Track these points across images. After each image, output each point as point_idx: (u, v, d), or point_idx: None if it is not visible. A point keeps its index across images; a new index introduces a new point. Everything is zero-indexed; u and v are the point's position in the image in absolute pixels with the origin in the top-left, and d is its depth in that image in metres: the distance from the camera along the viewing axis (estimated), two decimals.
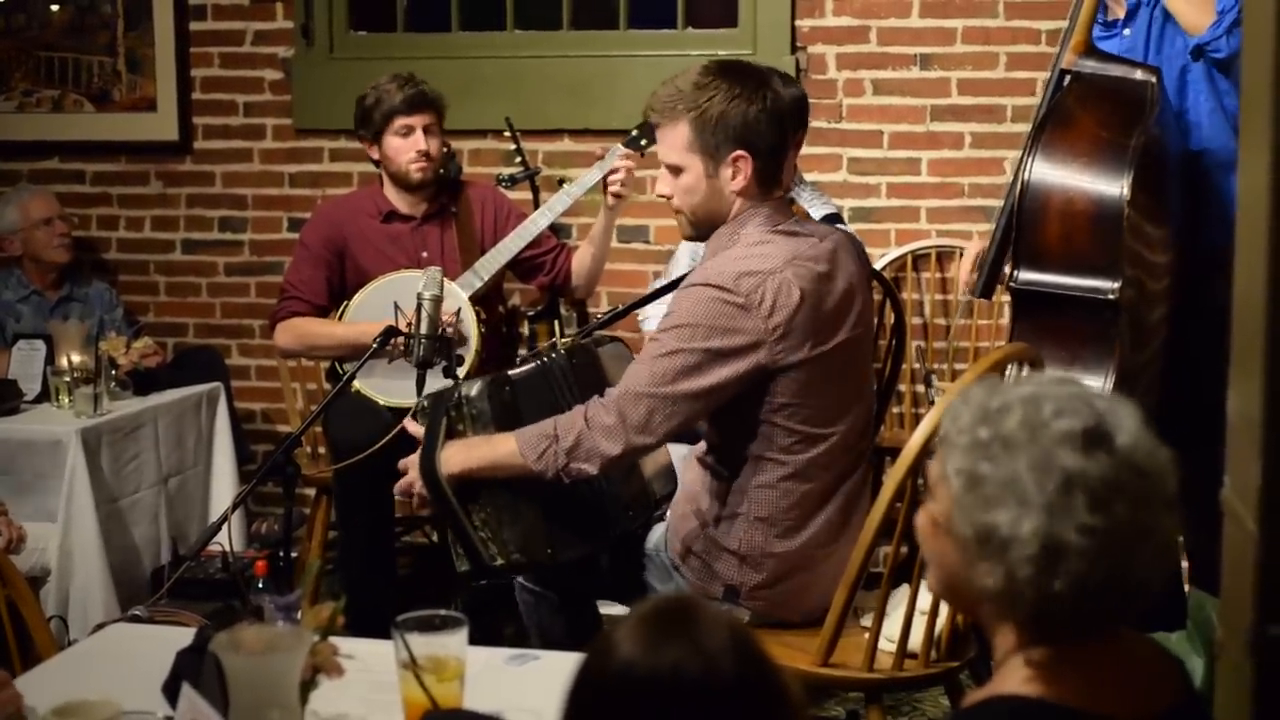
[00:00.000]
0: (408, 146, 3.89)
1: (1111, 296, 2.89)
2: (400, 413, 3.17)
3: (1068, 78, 3.09)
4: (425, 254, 3.92)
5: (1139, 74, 3.05)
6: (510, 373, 2.80)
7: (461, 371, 3.68)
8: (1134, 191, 2.89)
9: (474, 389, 2.73)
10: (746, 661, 1.22)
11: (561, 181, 4.49)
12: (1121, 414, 1.50)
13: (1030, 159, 2.98)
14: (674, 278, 3.69)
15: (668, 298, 3.05)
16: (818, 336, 2.64)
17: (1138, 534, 1.45)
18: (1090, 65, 3.08)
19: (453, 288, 3.66)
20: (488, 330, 3.85)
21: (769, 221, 2.70)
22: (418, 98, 3.89)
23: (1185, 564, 3.43)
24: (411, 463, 2.76)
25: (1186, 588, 3.19)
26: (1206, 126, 3.15)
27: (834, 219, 3.79)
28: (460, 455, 2.69)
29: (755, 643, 1.24)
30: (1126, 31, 3.21)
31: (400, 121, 3.88)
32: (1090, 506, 1.43)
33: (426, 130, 3.90)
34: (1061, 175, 2.96)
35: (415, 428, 2.79)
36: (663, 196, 2.79)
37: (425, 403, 2.78)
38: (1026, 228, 2.98)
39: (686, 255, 4.00)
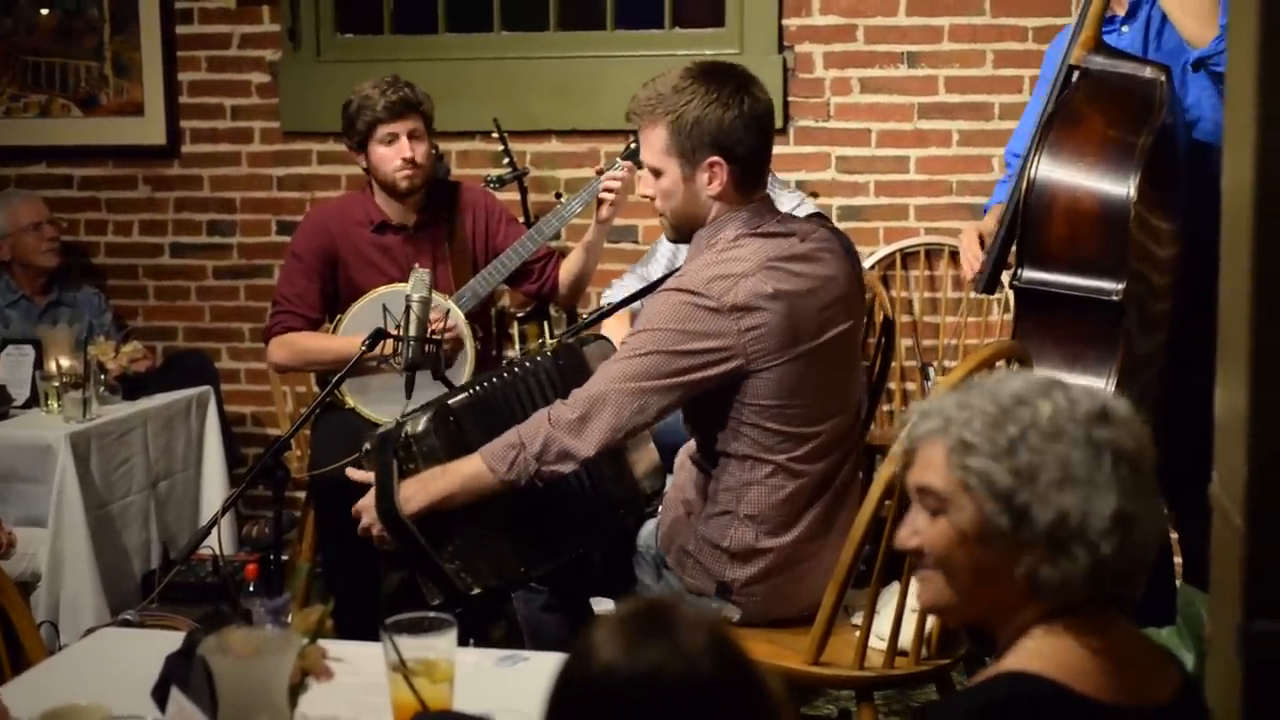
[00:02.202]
0: (393, 155, 3.73)
1: (1116, 298, 2.86)
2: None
3: (1076, 74, 3.03)
4: (418, 266, 3.86)
5: (1148, 72, 2.99)
6: (450, 403, 2.77)
7: (465, 371, 3.66)
8: (1142, 187, 2.85)
9: (419, 426, 2.69)
10: (726, 662, 1.22)
11: (557, 195, 4.49)
12: (1099, 391, 1.59)
13: (1037, 156, 2.93)
14: (652, 277, 3.70)
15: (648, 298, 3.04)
16: (798, 336, 2.63)
17: (1155, 492, 1.56)
18: (1099, 62, 3.02)
19: (442, 299, 3.63)
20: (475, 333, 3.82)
21: (747, 224, 2.69)
22: (400, 103, 3.73)
23: (1178, 560, 3.44)
24: (364, 507, 2.71)
25: (1178, 583, 3.19)
26: (1210, 123, 3.09)
27: (819, 218, 3.78)
28: (420, 492, 2.65)
29: (735, 643, 1.24)
30: (1125, 29, 3.17)
31: (384, 129, 3.72)
32: (1132, 473, 1.52)
33: (412, 136, 3.74)
34: (1068, 174, 2.92)
35: (360, 475, 2.75)
36: (645, 197, 2.79)
37: (370, 445, 2.72)
38: (1031, 226, 2.94)
39: (665, 254, 3.98)
